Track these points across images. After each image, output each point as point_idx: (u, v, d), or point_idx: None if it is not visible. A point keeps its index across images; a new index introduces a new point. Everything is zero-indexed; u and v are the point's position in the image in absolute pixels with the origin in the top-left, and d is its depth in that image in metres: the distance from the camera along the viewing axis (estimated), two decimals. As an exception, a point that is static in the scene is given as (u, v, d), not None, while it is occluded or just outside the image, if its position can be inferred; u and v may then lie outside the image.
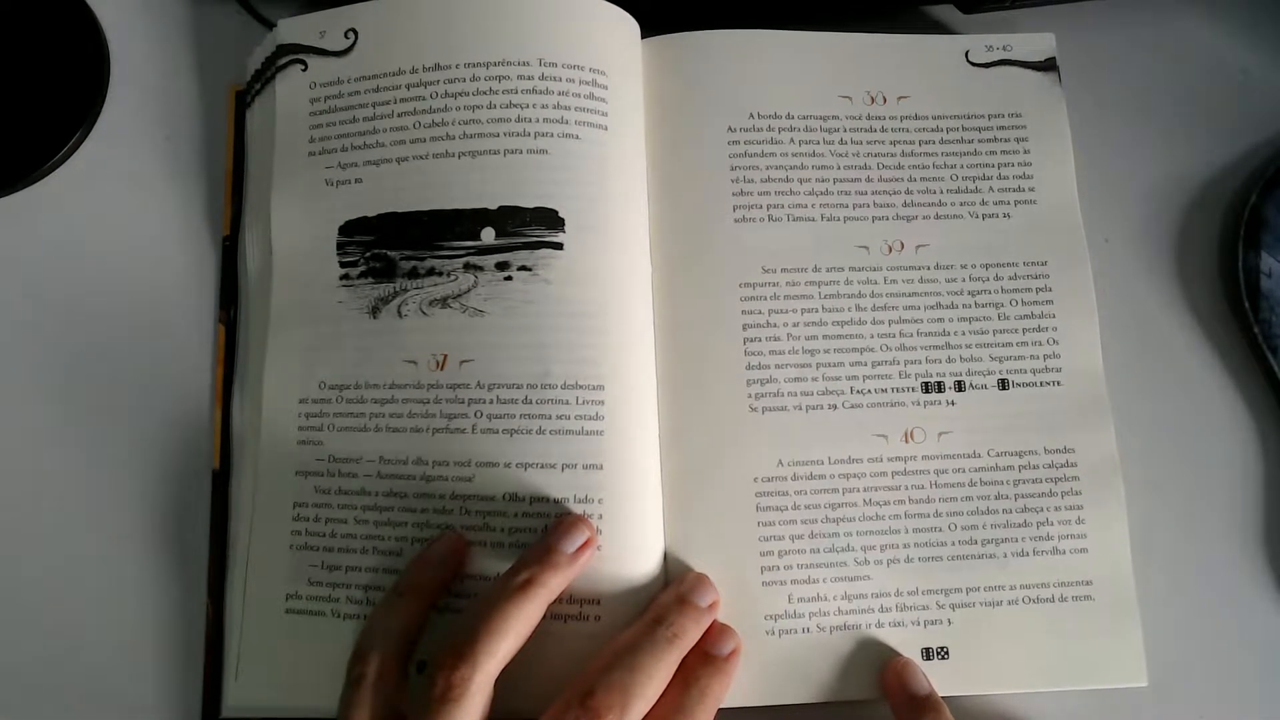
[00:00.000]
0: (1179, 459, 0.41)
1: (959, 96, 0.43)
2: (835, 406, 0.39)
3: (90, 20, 0.45)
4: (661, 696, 0.33)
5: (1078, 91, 0.44)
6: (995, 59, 0.44)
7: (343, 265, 0.39)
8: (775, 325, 0.40)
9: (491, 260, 0.38)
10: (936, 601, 0.38)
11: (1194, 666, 0.39)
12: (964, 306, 0.41)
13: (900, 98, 0.43)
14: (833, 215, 0.41)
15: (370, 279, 0.39)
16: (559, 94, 0.39)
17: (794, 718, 0.37)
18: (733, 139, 0.42)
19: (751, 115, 0.42)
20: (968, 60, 0.44)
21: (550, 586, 0.33)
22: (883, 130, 0.43)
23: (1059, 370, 0.40)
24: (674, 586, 0.36)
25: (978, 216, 0.42)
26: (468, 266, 0.38)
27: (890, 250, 0.41)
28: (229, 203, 0.43)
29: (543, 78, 0.39)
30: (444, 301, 0.38)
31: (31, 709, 0.38)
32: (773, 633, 0.37)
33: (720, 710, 0.34)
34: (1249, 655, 0.39)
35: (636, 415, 0.38)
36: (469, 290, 0.38)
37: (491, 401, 0.37)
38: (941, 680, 0.37)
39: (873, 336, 0.40)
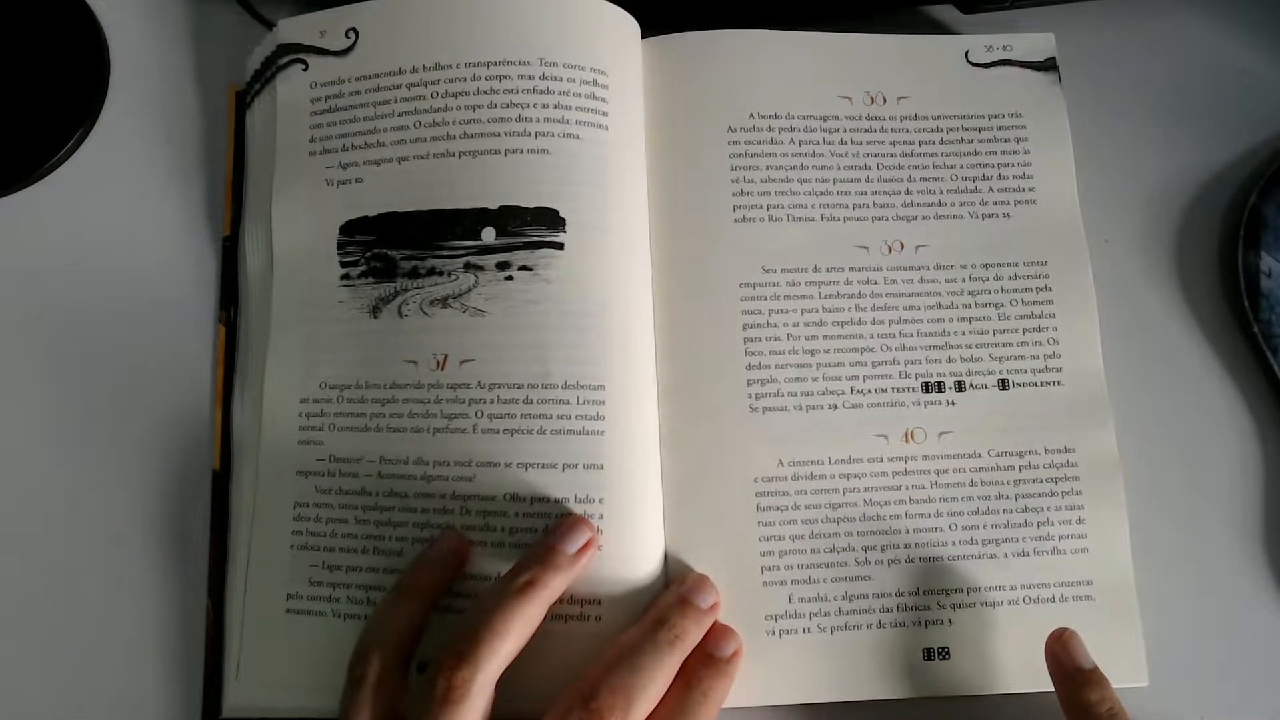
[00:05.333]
0: (1179, 459, 0.41)
1: (959, 97, 0.43)
2: (835, 406, 0.39)
3: (90, 20, 0.45)
4: (663, 698, 0.33)
5: (1078, 91, 0.44)
6: (995, 59, 0.44)
7: (343, 265, 0.39)
8: (775, 325, 0.40)
9: (492, 260, 0.38)
10: (937, 601, 0.38)
11: (1194, 666, 0.39)
12: (964, 306, 0.41)
13: (900, 98, 0.43)
14: (833, 215, 0.41)
15: (371, 279, 0.39)
16: (560, 94, 0.39)
17: (794, 718, 0.37)
18: (733, 139, 0.42)
19: (751, 115, 0.42)
20: (968, 60, 0.44)
21: (551, 587, 0.33)
22: (883, 130, 0.43)
23: (1059, 370, 0.40)
24: (675, 588, 0.36)
25: (978, 216, 0.42)
26: (468, 266, 0.38)
27: (890, 250, 0.41)
28: (229, 203, 0.43)
29: (543, 77, 0.39)
30: (445, 301, 0.38)
31: (32, 709, 0.38)
32: (773, 633, 0.37)
33: (721, 710, 0.34)
34: (1249, 655, 0.40)
35: (637, 415, 0.38)
36: (470, 290, 0.38)
37: (492, 401, 0.37)
38: (941, 680, 0.37)
39: (873, 336, 0.40)
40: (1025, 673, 0.37)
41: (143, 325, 0.42)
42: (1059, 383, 0.40)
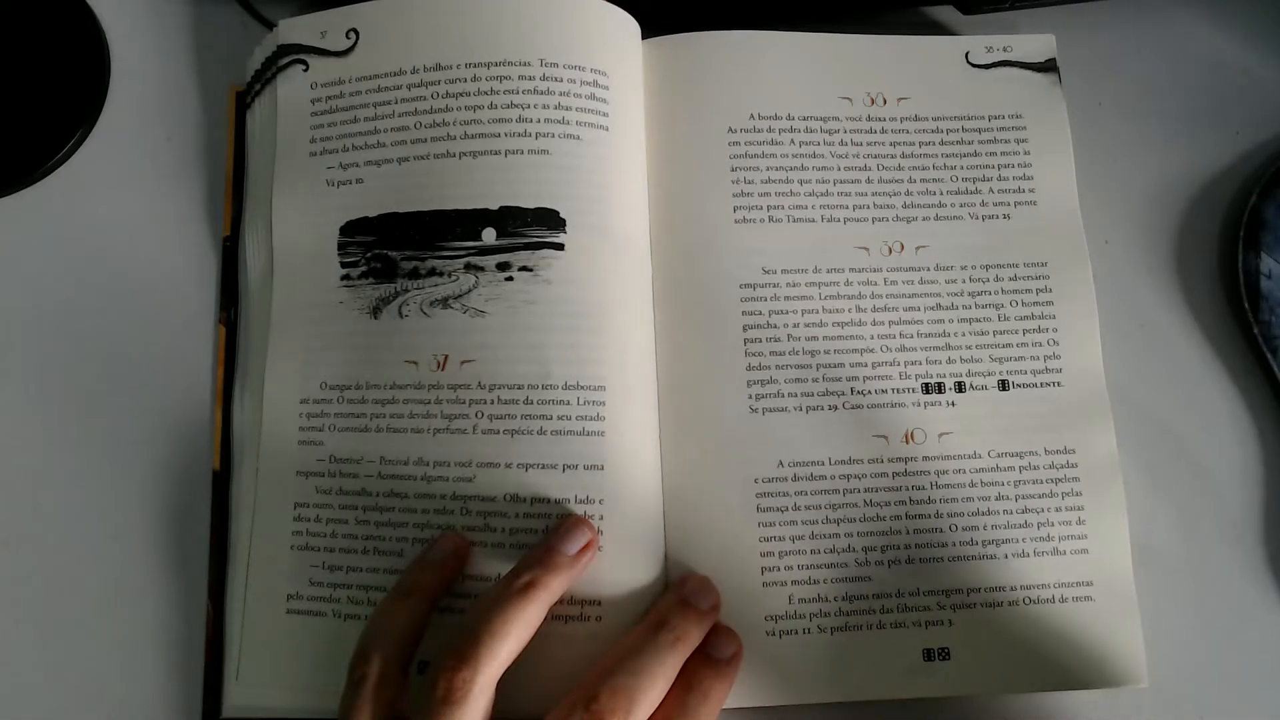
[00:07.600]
0: (1179, 459, 0.41)
1: (959, 98, 0.43)
2: (835, 407, 0.39)
3: (90, 20, 0.44)
4: (664, 699, 0.33)
5: (1078, 92, 0.44)
6: (995, 60, 0.44)
7: (344, 265, 0.39)
8: (775, 326, 0.40)
9: (492, 260, 0.38)
10: (937, 602, 0.38)
11: (1194, 666, 0.39)
12: (964, 307, 0.41)
13: (900, 99, 0.43)
14: (833, 216, 0.41)
15: (371, 279, 0.39)
16: (560, 94, 0.39)
17: (794, 718, 0.37)
18: (733, 139, 0.42)
19: (752, 116, 0.42)
20: (968, 61, 0.44)
21: (552, 588, 0.33)
22: (883, 131, 0.43)
23: (1059, 371, 0.40)
24: (675, 589, 0.36)
25: (978, 218, 0.42)
26: (469, 267, 0.38)
27: (890, 251, 0.41)
28: (229, 203, 0.43)
29: (544, 78, 0.39)
30: (445, 302, 0.38)
31: (31, 709, 0.38)
32: (773, 633, 0.37)
33: (722, 711, 0.34)
34: (1249, 655, 0.40)
35: (637, 416, 0.38)
36: (470, 291, 0.38)
37: (492, 402, 0.37)
38: (941, 680, 0.37)
39: (873, 337, 0.40)
40: (1025, 673, 0.37)
41: (143, 325, 0.42)
42: (1059, 383, 0.40)
